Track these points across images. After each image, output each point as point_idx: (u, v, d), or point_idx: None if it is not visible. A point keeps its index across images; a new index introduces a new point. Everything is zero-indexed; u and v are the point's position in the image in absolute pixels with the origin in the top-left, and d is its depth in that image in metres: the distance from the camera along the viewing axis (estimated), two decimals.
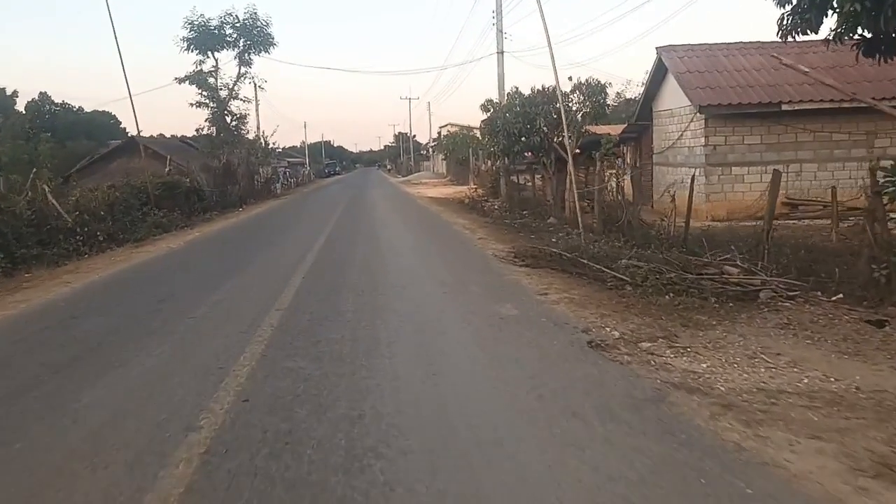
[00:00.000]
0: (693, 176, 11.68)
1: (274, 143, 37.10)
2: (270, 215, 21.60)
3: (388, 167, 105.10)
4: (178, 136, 46.06)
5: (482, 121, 19.81)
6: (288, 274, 8.49)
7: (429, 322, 6.01)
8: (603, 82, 18.20)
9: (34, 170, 16.72)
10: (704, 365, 4.44)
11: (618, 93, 18.51)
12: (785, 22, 9.37)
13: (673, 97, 17.72)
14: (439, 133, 64.44)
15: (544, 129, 18.33)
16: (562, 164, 19.65)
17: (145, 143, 36.27)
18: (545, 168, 19.28)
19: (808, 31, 9.41)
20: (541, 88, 18.94)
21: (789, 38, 9.52)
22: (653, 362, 4.41)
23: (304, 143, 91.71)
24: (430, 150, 67.39)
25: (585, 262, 8.00)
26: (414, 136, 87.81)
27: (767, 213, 8.10)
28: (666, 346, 4.82)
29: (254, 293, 7.58)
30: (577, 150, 18.04)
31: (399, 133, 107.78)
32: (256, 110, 42.62)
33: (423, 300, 6.93)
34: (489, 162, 27.02)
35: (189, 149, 35.59)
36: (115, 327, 6.38)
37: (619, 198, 12.54)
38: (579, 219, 10.90)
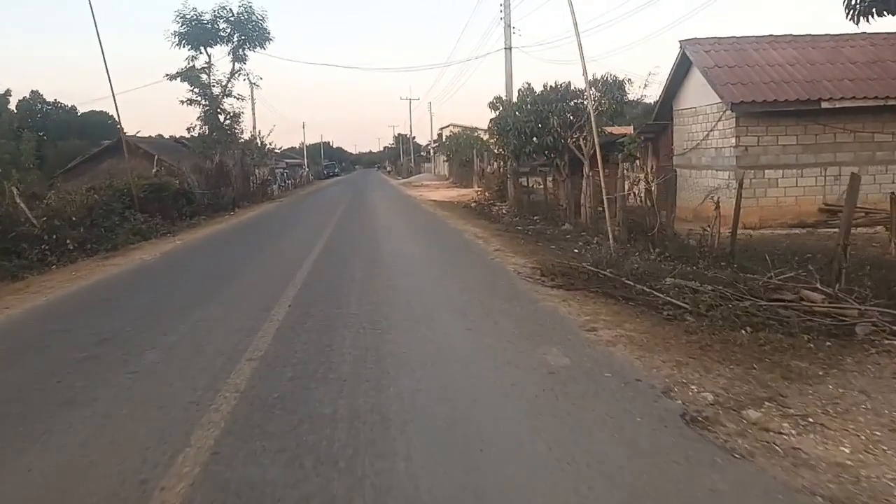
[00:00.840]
0: (740, 181, 10.36)
1: (270, 144, 35.84)
2: (262, 220, 20.30)
3: (389, 169, 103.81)
4: (176, 136, 44.76)
5: (491, 120, 18.55)
6: (270, 301, 6.92)
7: (455, 383, 4.37)
8: (621, 78, 16.90)
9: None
10: (845, 449, 3.15)
11: (645, 83, 17.14)
12: (855, 2, 8.08)
13: (697, 94, 16.45)
14: (440, 134, 63.20)
15: (558, 128, 17.05)
16: (576, 166, 18.40)
17: (136, 143, 35.15)
18: (558, 170, 18.00)
19: (885, 13, 8.16)
20: (553, 85, 17.68)
21: (861, 22, 8.26)
22: (778, 448, 3.11)
23: (303, 143, 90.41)
24: (432, 151, 66.10)
25: (630, 283, 6.70)
26: (413, 137, 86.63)
27: (844, 223, 6.79)
28: (779, 415, 3.53)
29: (222, 332, 5.87)
30: (594, 152, 16.77)
31: (399, 134, 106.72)
32: (252, 109, 41.41)
33: (444, 343, 5.35)
34: (495, 164, 25.74)
35: (183, 149, 34.26)
36: (14, 393, 4.50)
37: (648, 203, 11.23)
38: (609, 228, 9.59)
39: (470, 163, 35.32)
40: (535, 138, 17.27)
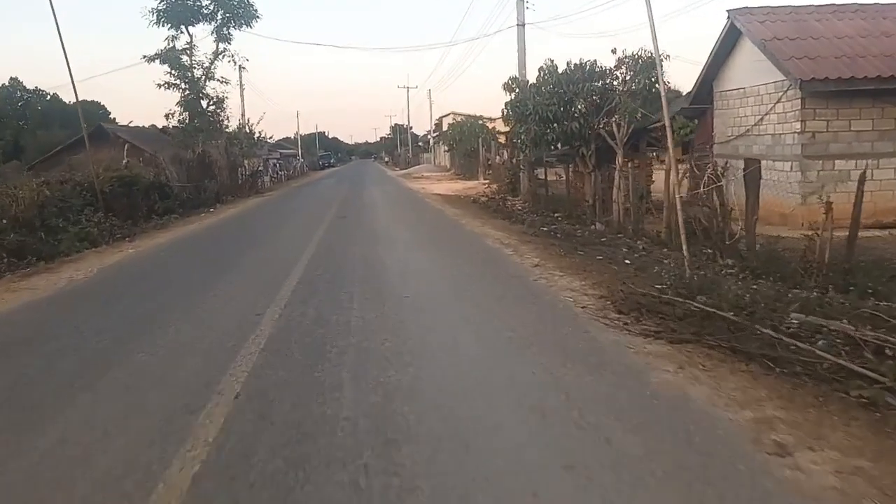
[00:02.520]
0: (862, 174, 8.11)
1: (261, 133, 33.49)
2: (242, 220, 17.53)
3: (386, 159, 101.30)
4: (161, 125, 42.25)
5: (505, 103, 16.30)
6: (226, 357, 4.48)
7: None
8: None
9: None
10: None
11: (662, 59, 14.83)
12: None
13: (747, 73, 14.21)
14: (439, 123, 60.77)
15: (584, 112, 14.81)
16: (602, 156, 16.18)
17: (115, 132, 32.84)
18: (583, 161, 15.77)
19: None
20: (578, 63, 15.42)
21: None
22: None
23: (297, 133, 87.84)
24: (431, 140, 63.59)
25: (764, 331, 4.49)
26: (410, 127, 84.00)
27: None
28: None
29: (137, 428, 3.44)
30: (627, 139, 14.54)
31: (396, 125, 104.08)
32: (241, 95, 39.03)
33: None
34: (505, 153, 23.45)
35: (167, 138, 32.00)
36: None
37: (717, 202, 9.01)
38: (684, 239, 7.37)
39: (475, 153, 32.96)
40: (556, 124, 15.03)
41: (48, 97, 53.26)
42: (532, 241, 9.89)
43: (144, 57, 24.41)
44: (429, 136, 69.61)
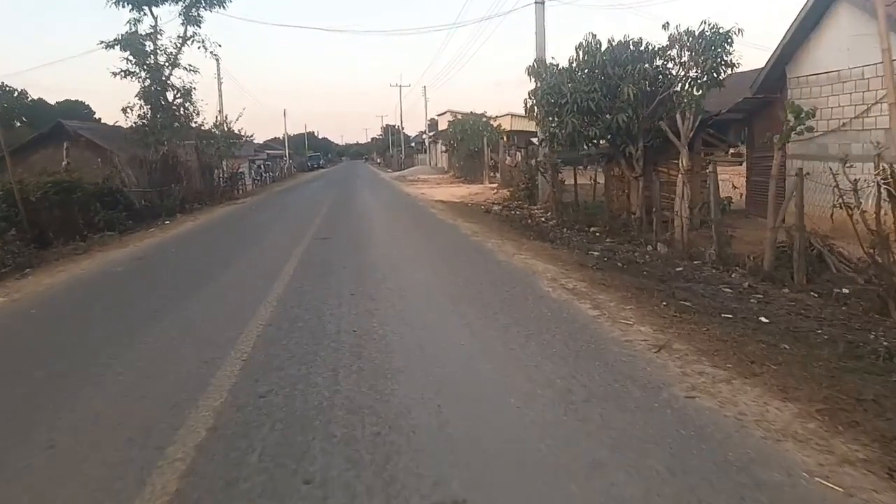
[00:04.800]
0: None
1: (241, 131, 30.25)
2: (203, 236, 14.02)
3: (378, 161, 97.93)
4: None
5: (530, 92, 13.22)
6: None
7: None
8: (725, 29, 11.63)
9: None
10: None
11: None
12: None
13: (842, 52, 11.21)
14: (435, 121, 57.54)
15: (633, 102, 11.75)
16: (657, 155, 13.12)
17: (76, 130, 29.45)
18: (628, 163, 12.70)
19: None
20: (623, 40, 12.37)
21: None
22: None
23: (286, 133, 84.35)
24: (427, 141, 60.20)
25: None
26: (402, 129, 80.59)
27: None
28: None
29: None
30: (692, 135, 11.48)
31: (387, 125, 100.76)
32: (219, 90, 35.83)
33: None
34: (518, 154, 20.33)
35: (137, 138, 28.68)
36: None
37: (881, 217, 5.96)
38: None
39: (478, 153, 29.74)
40: (595, 116, 11.95)
41: (15, 93, 49.59)
42: (610, 285, 6.67)
43: (101, 42, 21.08)
44: (423, 136, 66.31)
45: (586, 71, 12.16)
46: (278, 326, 5.57)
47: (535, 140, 19.52)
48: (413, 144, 79.06)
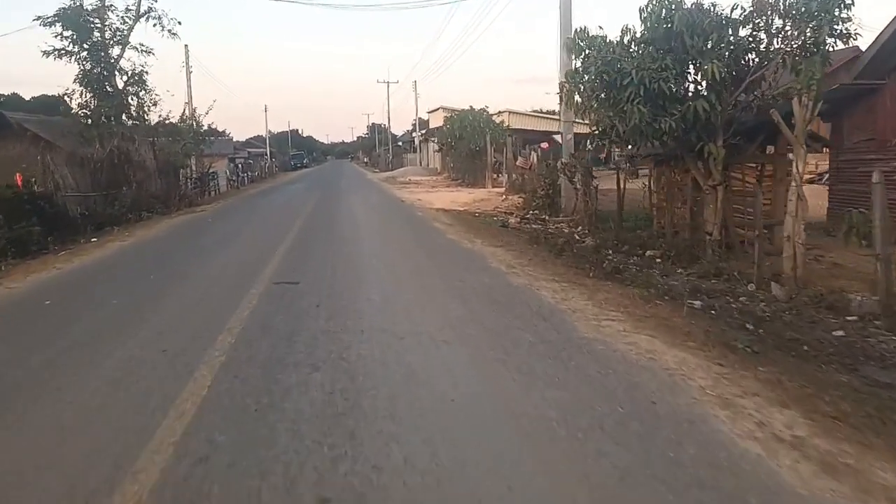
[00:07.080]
0: None
1: (212, 125, 26.95)
2: (125, 267, 9.99)
3: (364, 160, 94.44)
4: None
5: (567, 73, 10.14)
6: None
7: None
8: None
9: None
10: None
11: None
12: None
13: None
14: (424, 120, 54.32)
15: (717, 84, 8.72)
16: (728, 157, 10.11)
17: (21, 122, 25.88)
18: (705, 166, 9.62)
19: None
20: (698, 2, 9.33)
21: None
22: None
23: (267, 130, 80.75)
24: (417, 139, 56.84)
25: None
26: (389, 127, 77.18)
27: None
28: None
29: None
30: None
31: (374, 124, 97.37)
32: (188, 80, 32.53)
33: None
34: (534, 155, 17.24)
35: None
36: None
37: None
38: None
39: (479, 153, 26.50)
40: (665, 103, 8.86)
41: None
42: (828, 414, 3.55)
43: (38, 18, 17.64)
44: (413, 135, 62.99)
45: (651, 46, 9.08)
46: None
47: (558, 137, 16.51)
48: (401, 143, 75.72)
